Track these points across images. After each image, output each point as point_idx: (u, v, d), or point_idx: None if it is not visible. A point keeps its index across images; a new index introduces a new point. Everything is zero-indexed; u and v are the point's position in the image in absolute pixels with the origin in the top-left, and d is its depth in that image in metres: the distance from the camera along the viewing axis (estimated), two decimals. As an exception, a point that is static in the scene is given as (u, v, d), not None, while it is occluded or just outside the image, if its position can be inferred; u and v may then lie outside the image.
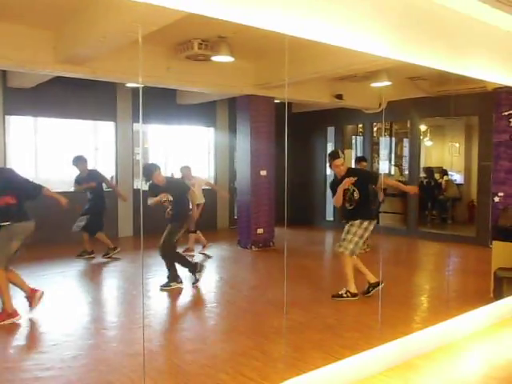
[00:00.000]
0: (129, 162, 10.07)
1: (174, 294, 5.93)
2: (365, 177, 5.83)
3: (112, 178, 9.82)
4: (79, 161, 7.72)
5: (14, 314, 4.67)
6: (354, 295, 5.48)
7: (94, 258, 7.79)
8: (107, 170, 10.00)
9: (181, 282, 6.07)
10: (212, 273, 7.11)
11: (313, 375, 3.24)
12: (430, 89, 9.16)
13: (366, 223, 5.49)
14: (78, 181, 7.75)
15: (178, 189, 6.22)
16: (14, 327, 4.58)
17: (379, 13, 3.48)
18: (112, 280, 7.02)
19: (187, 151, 11.09)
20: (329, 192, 11.43)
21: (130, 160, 10.11)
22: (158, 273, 6.96)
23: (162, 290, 5.94)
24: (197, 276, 6.12)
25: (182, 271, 6.12)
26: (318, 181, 11.74)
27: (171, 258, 6.07)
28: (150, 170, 6.07)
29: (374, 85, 8.41)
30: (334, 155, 5.78)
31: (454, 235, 7.52)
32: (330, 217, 11.67)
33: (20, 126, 9.12)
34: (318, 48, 5.92)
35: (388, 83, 8.07)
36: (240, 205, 9.08)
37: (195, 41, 6.45)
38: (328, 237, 11.16)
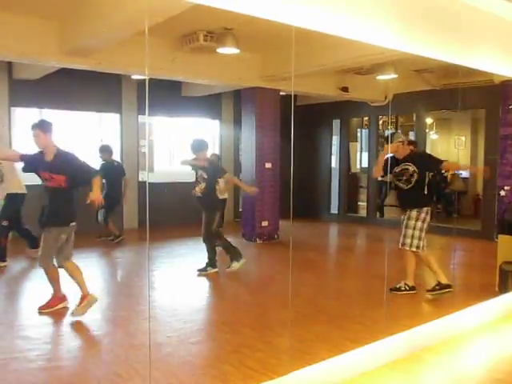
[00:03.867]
0: (134, 154, 10.07)
1: (179, 286, 5.95)
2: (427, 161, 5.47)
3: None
4: (106, 151, 7.94)
5: (64, 298, 4.82)
6: (411, 288, 5.36)
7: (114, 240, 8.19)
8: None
9: (216, 267, 6.28)
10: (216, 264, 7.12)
11: (317, 367, 3.25)
12: (437, 81, 9.10)
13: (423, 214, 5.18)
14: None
15: (215, 171, 6.29)
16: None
17: (386, 4, 3.46)
18: (117, 272, 7.05)
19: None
20: (334, 185, 11.55)
21: (136, 152, 10.11)
22: (163, 265, 7.00)
23: (199, 274, 6.19)
24: (233, 264, 6.28)
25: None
26: (323, 173, 11.71)
27: (211, 244, 6.28)
28: (199, 145, 6.19)
29: (380, 77, 8.36)
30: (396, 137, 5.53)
31: (460, 229, 7.50)
32: (334, 210, 11.65)
33: (26, 117, 9.14)
34: (324, 40, 5.88)
35: (394, 76, 8.01)
36: (245, 197, 9.08)
37: (201, 32, 6.42)
38: (332, 230, 11.16)
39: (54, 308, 4.72)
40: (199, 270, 6.24)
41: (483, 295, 4.96)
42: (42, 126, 4.64)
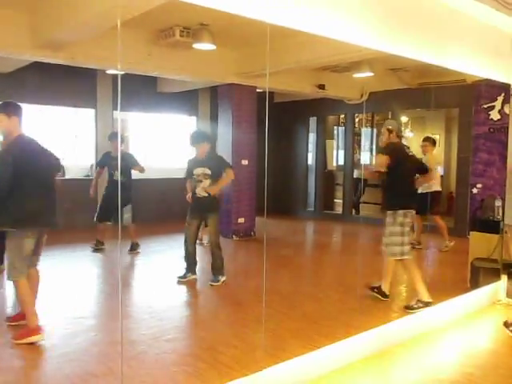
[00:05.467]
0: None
1: (154, 284, 5.91)
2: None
3: (92, 166, 9.71)
4: (114, 138, 7.23)
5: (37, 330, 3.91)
6: (383, 295, 5.01)
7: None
8: (87, 157, 9.91)
9: (224, 276, 5.76)
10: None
11: (291, 363, 3.27)
12: (412, 80, 9.22)
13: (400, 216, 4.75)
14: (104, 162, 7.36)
15: (219, 164, 5.62)
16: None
17: (362, 3, 3.48)
18: (91, 269, 6.96)
19: (168, 140, 11.02)
20: (310, 182, 11.61)
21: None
22: (138, 262, 6.95)
23: (212, 285, 5.67)
24: (218, 278, 5.69)
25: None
26: (299, 171, 11.76)
27: (221, 250, 5.74)
28: (198, 136, 5.67)
29: (356, 75, 8.42)
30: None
31: (433, 226, 7.62)
32: (311, 207, 11.73)
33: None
34: (300, 37, 5.91)
35: (370, 74, 8.09)
36: (221, 194, 9.04)
37: (177, 28, 6.38)
38: (308, 227, 11.22)
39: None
40: (211, 283, 5.69)
41: (455, 291, 5.05)
42: (6, 108, 3.92)
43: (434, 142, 7.92)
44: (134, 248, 7.38)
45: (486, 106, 8.27)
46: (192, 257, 5.86)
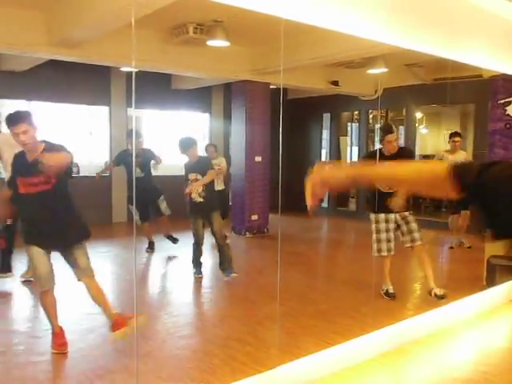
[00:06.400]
0: (123, 148, 9.98)
1: (167, 280, 5.94)
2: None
3: (106, 163, 9.77)
4: (135, 136, 7.17)
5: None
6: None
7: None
8: (101, 155, 9.96)
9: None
10: (206, 259, 7.11)
11: (305, 361, 3.26)
12: (427, 76, 9.13)
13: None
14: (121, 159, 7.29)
15: (205, 167, 5.69)
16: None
17: (376, -2, 3.45)
18: (105, 265, 7.00)
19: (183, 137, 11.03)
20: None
21: (125, 145, 10.03)
22: (153, 258, 6.98)
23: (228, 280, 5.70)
24: (229, 273, 5.70)
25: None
26: (313, 167, 11.69)
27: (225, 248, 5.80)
28: (185, 143, 5.71)
29: (371, 71, 8.36)
30: (387, 129, 5.00)
31: (448, 223, 7.54)
32: (324, 204, 11.67)
33: (14, 109, 9.02)
34: (315, 33, 5.87)
35: (384, 70, 8.02)
36: (234, 191, 9.06)
37: (190, 25, 6.38)
38: (322, 224, 11.17)
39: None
40: (225, 278, 5.73)
41: (471, 289, 4.99)
42: (30, 118, 3.61)
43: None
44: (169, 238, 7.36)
45: (502, 102, 8.14)
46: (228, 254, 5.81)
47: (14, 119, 3.54)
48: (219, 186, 7.27)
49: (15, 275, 5.51)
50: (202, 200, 5.66)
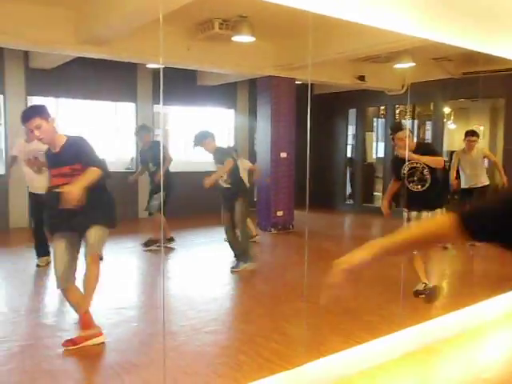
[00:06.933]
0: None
1: (193, 276, 5.96)
2: (434, 154, 4.83)
3: (132, 159, 9.86)
4: (142, 130, 7.10)
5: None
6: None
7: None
8: (127, 151, 10.06)
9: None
10: (231, 254, 7.12)
11: (332, 359, 3.23)
12: (455, 70, 8.95)
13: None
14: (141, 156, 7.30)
15: (222, 157, 5.77)
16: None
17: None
18: (131, 261, 7.07)
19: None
20: (350, 175, 11.46)
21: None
22: (177, 254, 7.02)
23: (232, 271, 5.90)
24: (240, 264, 5.87)
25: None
26: (338, 163, 11.63)
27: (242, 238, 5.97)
28: (200, 136, 5.83)
29: (398, 66, 8.24)
30: (396, 127, 4.91)
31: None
32: (350, 200, 11.58)
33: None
34: (342, 27, 5.79)
35: (412, 64, 7.89)
36: (260, 187, 9.04)
37: (216, 20, 6.37)
38: (348, 220, 11.09)
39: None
40: (232, 269, 5.93)
41: (502, 287, 4.88)
42: (43, 112, 3.54)
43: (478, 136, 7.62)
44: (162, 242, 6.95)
45: (534, 96, 7.95)
46: (232, 246, 5.98)
47: (25, 116, 3.53)
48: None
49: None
50: (228, 186, 5.82)
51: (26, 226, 8.25)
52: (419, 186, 4.72)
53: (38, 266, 5.93)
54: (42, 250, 5.95)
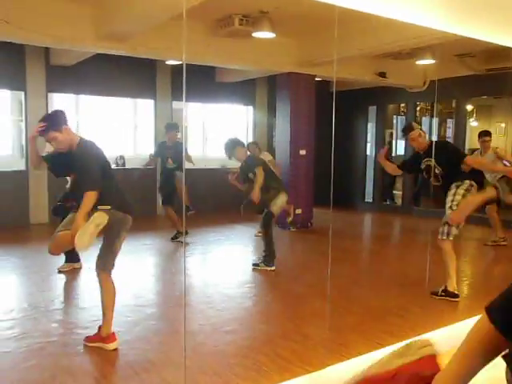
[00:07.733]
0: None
1: (211, 274, 5.93)
2: (451, 151, 4.88)
3: (150, 155, 9.85)
4: (172, 128, 7.33)
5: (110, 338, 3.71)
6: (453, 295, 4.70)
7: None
8: (146, 148, 10.06)
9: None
10: (251, 253, 7.08)
11: (356, 361, 3.16)
12: (478, 66, 8.77)
13: None
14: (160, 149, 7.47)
15: (253, 165, 5.70)
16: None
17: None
18: (150, 258, 7.07)
19: (226, 130, 11.02)
20: (369, 173, 11.32)
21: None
22: (196, 251, 7.00)
23: (253, 268, 5.94)
24: (263, 264, 5.88)
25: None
26: (357, 161, 11.50)
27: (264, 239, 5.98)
28: (228, 145, 5.80)
29: (419, 62, 8.11)
30: (408, 128, 4.97)
31: (504, 220, 7.22)
32: (369, 198, 11.45)
33: (62, 103, 9.23)
34: (364, 23, 5.71)
35: (433, 61, 7.75)
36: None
37: (236, 16, 6.31)
38: (367, 219, 10.97)
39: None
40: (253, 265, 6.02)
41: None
42: (55, 124, 3.53)
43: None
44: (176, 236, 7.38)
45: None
46: (266, 244, 5.93)
47: (41, 130, 3.55)
48: None
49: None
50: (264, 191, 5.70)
51: (47, 222, 8.35)
52: (437, 183, 4.81)
53: (59, 271, 5.67)
54: (71, 257, 5.65)
